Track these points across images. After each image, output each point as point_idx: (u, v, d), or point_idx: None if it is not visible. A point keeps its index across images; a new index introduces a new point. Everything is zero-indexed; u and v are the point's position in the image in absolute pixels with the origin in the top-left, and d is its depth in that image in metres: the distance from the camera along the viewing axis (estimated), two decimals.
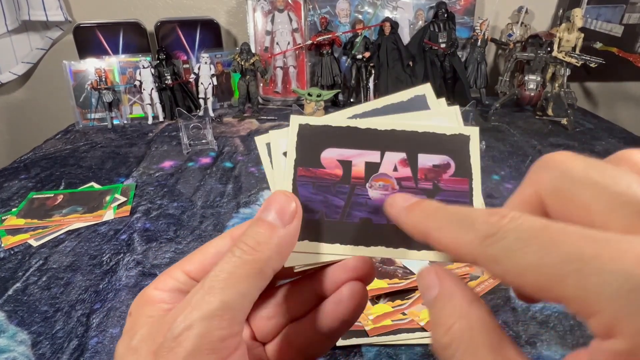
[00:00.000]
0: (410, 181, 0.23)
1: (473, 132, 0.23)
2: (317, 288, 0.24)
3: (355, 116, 0.24)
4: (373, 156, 0.23)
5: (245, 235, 0.20)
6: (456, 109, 0.24)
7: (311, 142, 0.23)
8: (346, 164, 0.23)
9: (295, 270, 0.23)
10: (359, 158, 0.23)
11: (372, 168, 0.23)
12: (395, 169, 0.23)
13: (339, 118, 0.24)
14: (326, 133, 0.24)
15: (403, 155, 0.23)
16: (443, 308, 0.16)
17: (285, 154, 0.24)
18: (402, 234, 0.22)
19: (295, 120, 0.24)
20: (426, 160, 0.23)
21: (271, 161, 0.24)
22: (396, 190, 0.23)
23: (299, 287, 0.25)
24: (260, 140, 0.24)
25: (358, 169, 0.23)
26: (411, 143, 0.23)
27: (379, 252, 0.22)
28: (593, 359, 0.13)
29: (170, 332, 0.18)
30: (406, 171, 0.23)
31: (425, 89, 0.25)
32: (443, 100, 0.25)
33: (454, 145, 0.23)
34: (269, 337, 0.25)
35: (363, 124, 0.24)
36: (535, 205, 0.17)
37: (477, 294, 0.17)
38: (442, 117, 0.24)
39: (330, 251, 0.22)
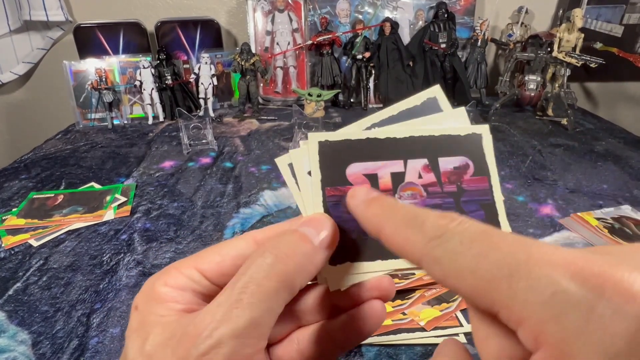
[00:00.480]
0: (436, 186, 0.23)
1: (484, 130, 0.24)
2: (335, 299, 0.23)
3: (373, 125, 0.24)
4: (397, 166, 0.23)
5: (280, 242, 0.20)
6: (463, 109, 0.24)
7: (334, 159, 0.23)
8: (373, 178, 0.23)
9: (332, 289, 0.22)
10: (384, 169, 0.23)
11: (398, 178, 0.23)
12: (419, 176, 0.23)
13: (357, 129, 0.24)
14: (347, 147, 0.23)
15: (425, 161, 0.23)
16: None
17: (309, 173, 0.23)
18: None
19: (314, 138, 0.23)
20: (446, 163, 0.23)
21: (297, 182, 0.23)
22: (424, 197, 0.23)
23: (315, 295, 0.24)
24: (281, 162, 0.23)
25: (385, 181, 0.23)
26: (430, 148, 0.23)
27: None
28: None
29: (195, 348, 0.17)
30: (430, 177, 0.23)
31: (436, 91, 0.25)
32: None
33: (470, 145, 0.24)
34: (275, 339, 0.24)
35: (382, 133, 0.23)
36: None
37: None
38: (453, 117, 0.24)
39: (372, 269, 0.22)
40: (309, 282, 0.24)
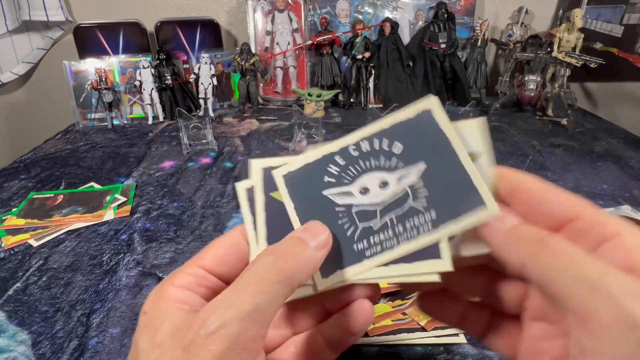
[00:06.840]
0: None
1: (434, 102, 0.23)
2: (326, 303, 0.25)
3: (363, 139, 0.24)
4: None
5: (281, 245, 0.22)
6: (482, 120, 0.22)
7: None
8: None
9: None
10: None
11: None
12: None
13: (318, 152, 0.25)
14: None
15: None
16: None
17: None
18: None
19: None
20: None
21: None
22: None
23: (307, 301, 0.25)
24: (241, 187, 0.28)
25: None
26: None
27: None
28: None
29: (204, 329, 0.18)
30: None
31: (432, 104, 0.23)
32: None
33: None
34: (273, 346, 0.26)
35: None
36: None
37: None
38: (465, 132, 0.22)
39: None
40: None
